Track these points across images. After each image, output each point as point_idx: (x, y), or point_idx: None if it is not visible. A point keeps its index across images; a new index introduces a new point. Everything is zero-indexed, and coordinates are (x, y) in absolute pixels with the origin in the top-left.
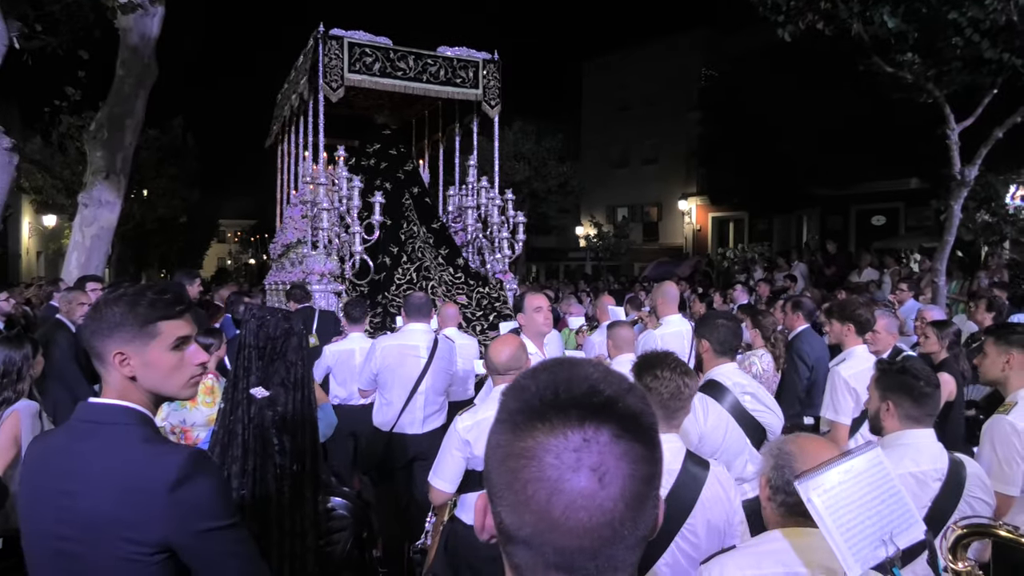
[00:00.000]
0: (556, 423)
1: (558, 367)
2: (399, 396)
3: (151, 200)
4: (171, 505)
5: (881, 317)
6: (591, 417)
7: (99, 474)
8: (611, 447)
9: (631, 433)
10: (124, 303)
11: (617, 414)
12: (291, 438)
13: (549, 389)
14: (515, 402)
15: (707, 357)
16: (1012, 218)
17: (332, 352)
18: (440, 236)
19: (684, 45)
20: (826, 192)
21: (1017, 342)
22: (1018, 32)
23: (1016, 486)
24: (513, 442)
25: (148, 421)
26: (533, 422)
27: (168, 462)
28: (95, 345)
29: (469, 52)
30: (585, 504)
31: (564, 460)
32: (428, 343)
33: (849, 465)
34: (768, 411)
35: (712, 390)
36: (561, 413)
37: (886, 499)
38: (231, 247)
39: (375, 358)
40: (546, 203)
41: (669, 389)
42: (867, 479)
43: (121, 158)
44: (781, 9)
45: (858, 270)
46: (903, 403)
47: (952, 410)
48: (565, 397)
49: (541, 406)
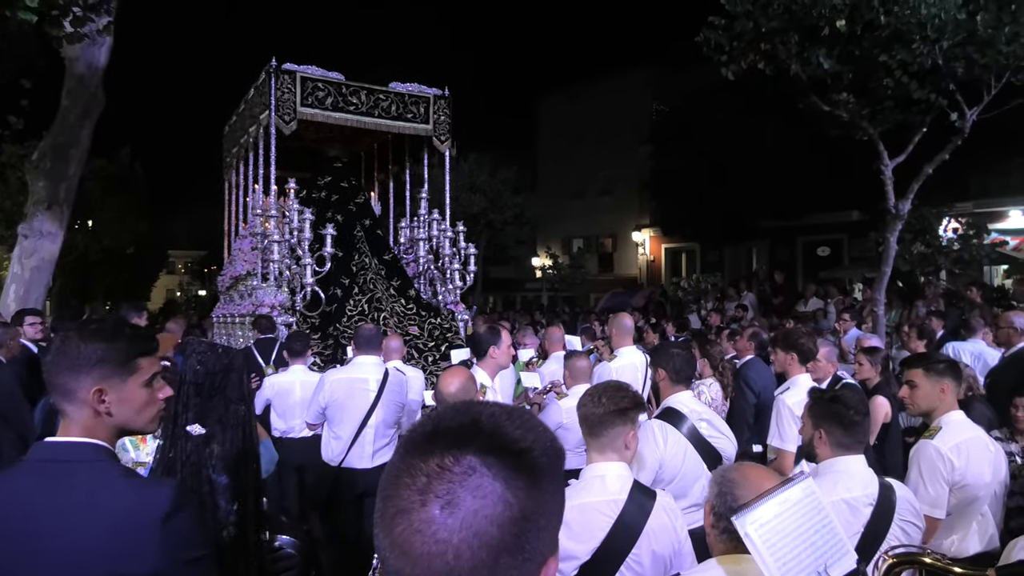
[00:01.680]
0: (423, 451)
1: (462, 405)
2: (348, 430)
3: (96, 231)
4: (163, 537)
5: (822, 346)
6: (453, 445)
7: (81, 511)
8: (464, 477)
9: (497, 467)
10: (102, 339)
11: (483, 444)
12: (231, 476)
13: (432, 422)
14: (407, 435)
15: (664, 385)
16: (946, 249)
17: (271, 384)
18: (392, 268)
19: (636, 80)
20: (774, 224)
21: (947, 371)
22: (943, 75)
23: (942, 508)
24: (389, 469)
25: (115, 456)
26: (410, 452)
27: (158, 494)
28: (65, 382)
29: (420, 88)
30: (420, 528)
31: (416, 484)
32: (378, 376)
33: (784, 496)
34: (723, 437)
35: (670, 417)
36: (430, 442)
37: (819, 530)
38: (181, 278)
39: (323, 392)
40: (503, 234)
41: (597, 414)
42: (802, 510)
43: (64, 188)
44: (724, 49)
45: (804, 300)
46: (834, 431)
47: (890, 431)
48: (443, 428)
49: (419, 437)
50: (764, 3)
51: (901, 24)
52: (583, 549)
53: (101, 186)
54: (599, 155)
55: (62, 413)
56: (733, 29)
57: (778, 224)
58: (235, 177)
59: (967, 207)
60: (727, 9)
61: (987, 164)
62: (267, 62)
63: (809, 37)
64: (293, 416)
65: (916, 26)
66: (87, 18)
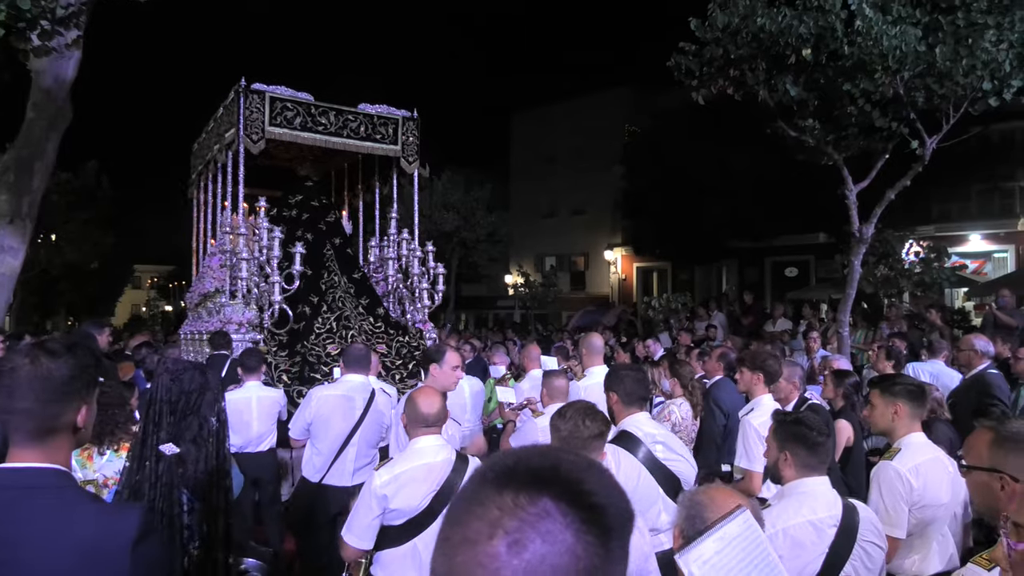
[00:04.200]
0: (499, 484)
1: (545, 448)
2: (330, 447)
3: (59, 245)
4: (133, 562)
5: (784, 367)
6: (531, 485)
7: (48, 538)
8: (536, 519)
9: (571, 517)
10: (78, 358)
11: (561, 491)
12: (203, 496)
13: (513, 457)
14: (485, 464)
15: (617, 409)
16: (908, 272)
17: (227, 400)
18: (361, 286)
19: (608, 101)
20: (743, 245)
21: (901, 393)
22: (904, 104)
23: (902, 529)
24: (461, 495)
25: (74, 480)
26: (485, 484)
27: (127, 519)
28: (44, 407)
29: (389, 109)
30: (483, 563)
31: (487, 517)
32: (365, 395)
33: (723, 532)
34: (680, 459)
35: (625, 441)
36: (509, 477)
37: (758, 563)
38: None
39: (311, 407)
40: (475, 252)
41: (567, 427)
42: (741, 544)
43: (28, 202)
44: (695, 74)
45: (772, 320)
46: (799, 452)
47: (852, 454)
48: (523, 466)
49: (498, 469)
50: (733, 31)
51: (864, 54)
52: None
53: (66, 200)
54: (572, 175)
55: (22, 438)
56: (703, 55)
57: (747, 245)
58: (203, 195)
59: (929, 231)
60: (697, 36)
61: (948, 190)
62: (237, 79)
63: (776, 65)
64: (249, 431)
65: (878, 57)
66: (55, 32)
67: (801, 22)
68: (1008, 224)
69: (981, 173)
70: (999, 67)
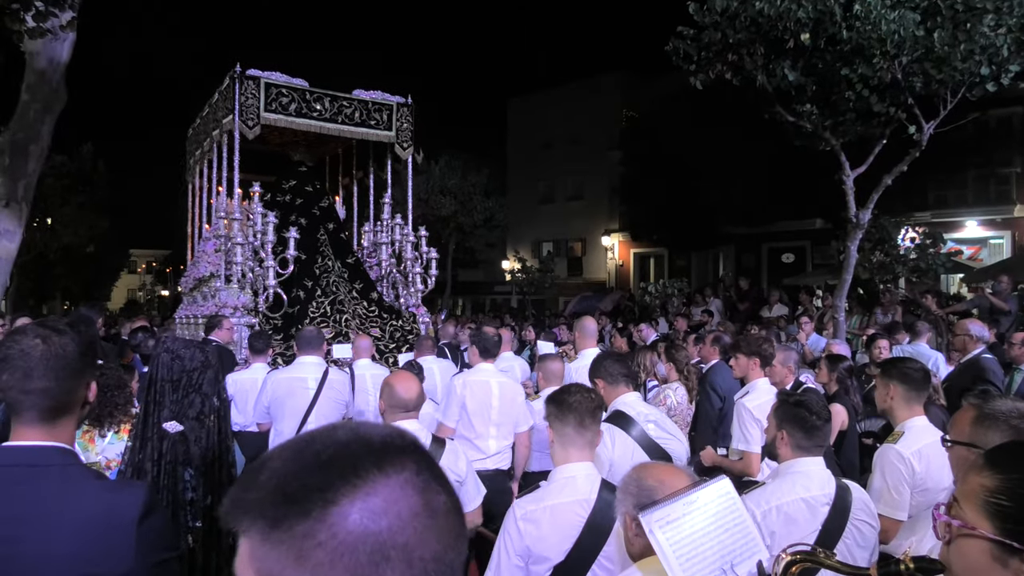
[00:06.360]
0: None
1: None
2: (289, 427)
3: (55, 229)
4: (138, 538)
5: (778, 351)
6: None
7: (53, 515)
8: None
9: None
10: (82, 335)
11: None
12: (207, 472)
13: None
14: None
15: (606, 392)
16: (903, 258)
17: (234, 380)
18: (355, 271)
19: (605, 86)
20: (740, 231)
21: (896, 375)
22: (902, 89)
23: (904, 511)
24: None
25: (78, 458)
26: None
27: (132, 496)
28: (59, 384)
29: (384, 96)
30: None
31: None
32: (317, 375)
33: (695, 496)
34: (672, 438)
35: (619, 420)
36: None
37: (730, 528)
38: (143, 278)
39: (267, 391)
40: (472, 237)
41: (586, 405)
42: (713, 510)
43: (23, 186)
44: (693, 59)
45: (769, 306)
46: (795, 433)
47: (846, 438)
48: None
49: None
50: (731, 15)
51: (862, 39)
52: (557, 550)
53: (61, 183)
54: (569, 160)
55: (32, 416)
56: (701, 40)
57: (744, 231)
58: (199, 179)
59: (925, 217)
60: (696, 20)
61: (944, 176)
62: (234, 60)
63: (774, 49)
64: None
65: (876, 41)
66: (49, 13)
67: (800, 6)
68: (1004, 210)
69: (978, 159)
70: (997, 52)
